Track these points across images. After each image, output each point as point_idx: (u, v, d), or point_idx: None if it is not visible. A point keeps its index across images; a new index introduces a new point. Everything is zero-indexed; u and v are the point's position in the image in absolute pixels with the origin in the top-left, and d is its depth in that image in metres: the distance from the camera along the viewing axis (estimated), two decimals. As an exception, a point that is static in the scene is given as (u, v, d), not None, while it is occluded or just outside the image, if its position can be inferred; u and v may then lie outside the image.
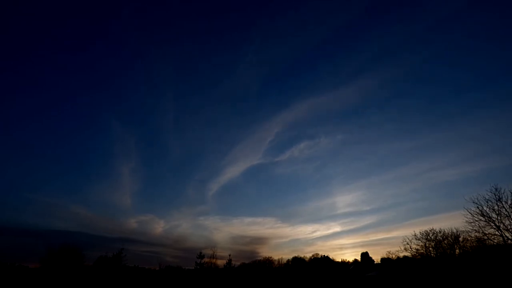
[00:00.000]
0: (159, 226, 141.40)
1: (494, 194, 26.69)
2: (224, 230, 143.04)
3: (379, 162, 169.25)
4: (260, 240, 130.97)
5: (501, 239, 25.88)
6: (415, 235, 38.06)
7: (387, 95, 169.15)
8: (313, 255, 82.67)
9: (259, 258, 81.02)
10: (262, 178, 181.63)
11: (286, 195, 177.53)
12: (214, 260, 49.10)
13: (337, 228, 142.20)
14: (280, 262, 78.80)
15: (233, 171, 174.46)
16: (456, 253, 34.11)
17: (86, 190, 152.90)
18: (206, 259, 48.10)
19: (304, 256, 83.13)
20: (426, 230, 37.42)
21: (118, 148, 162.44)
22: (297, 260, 79.96)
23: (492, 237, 26.49)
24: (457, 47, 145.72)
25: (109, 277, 42.36)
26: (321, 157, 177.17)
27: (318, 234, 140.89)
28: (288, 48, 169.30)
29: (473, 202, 28.13)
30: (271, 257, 79.23)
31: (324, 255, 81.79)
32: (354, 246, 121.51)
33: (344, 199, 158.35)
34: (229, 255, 51.43)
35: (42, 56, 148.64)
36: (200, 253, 48.14)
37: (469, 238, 31.29)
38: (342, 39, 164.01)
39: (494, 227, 26.21)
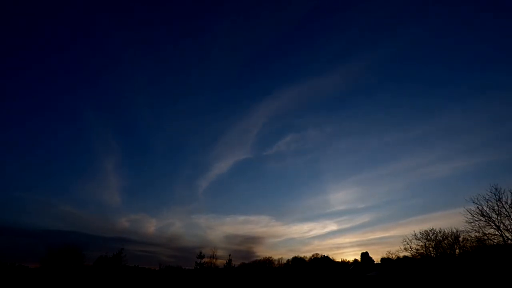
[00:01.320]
0: (151, 225, 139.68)
1: (494, 194, 26.71)
2: (218, 229, 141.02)
3: (370, 157, 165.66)
4: (255, 240, 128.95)
5: (501, 239, 25.86)
6: (415, 235, 38.05)
7: (374, 82, 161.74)
8: (313, 255, 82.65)
9: (257, 258, 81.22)
10: (251, 174, 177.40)
11: (278, 192, 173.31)
12: (214, 260, 49.20)
13: (333, 227, 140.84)
14: (280, 262, 78.94)
15: (220, 166, 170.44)
16: (456, 253, 34.08)
17: (74, 189, 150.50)
18: (206, 259, 48.21)
19: (304, 256, 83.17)
20: (426, 230, 37.42)
21: (98, 145, 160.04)
22: (297, 260, 79.91)
23: (492, 237, 26.47)
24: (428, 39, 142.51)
25: (109, 277, 42.35)
26: (310, 151, 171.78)
27: (314, 233, 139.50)
28: (262, 30, 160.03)
29: (473, 202, 28.15)
30: (271, 257, 79.37)
31: (324, 255, 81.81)
32: (351, 245, 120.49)
33: (337, 196, 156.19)
34: (229, 255, 51.62)
35: (26, 57, 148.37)
36: (200, 253, 48.27)
37: (469, 238, 31.30)
38: (323, 19, 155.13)
39: (494, 227, 26.20)
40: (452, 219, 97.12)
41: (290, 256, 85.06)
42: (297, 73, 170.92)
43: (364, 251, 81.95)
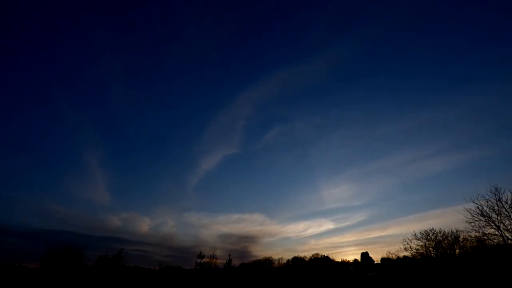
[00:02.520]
0: (145, 224, 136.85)
1: (494, 193, 26.62)
2: (211, 228, 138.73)
3: (362, 151, 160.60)
4: (250, 239, 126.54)
5: (501, 239, 25.83)
6: (415, 235, 38.09)
7: (361, 70, 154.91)
8: (313, 255, 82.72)
9: (256, 258, 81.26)
10: (241, 170, 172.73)
11: (270, 189, 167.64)
12: (214, 260, 49.20)
13: (329, 226, 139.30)
14: (280, 262, 79.01)
15: (209, 162, 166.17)
16: (456, 253, 34.09)
17: (61, 187, 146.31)
18: (205, 259, 48.24)
19: (304, 256, 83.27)
20: (426, 230, 37.50)
21: (82, 142, 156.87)
22: (297, 260, 79.96)
23: (492, 237, 26.44)
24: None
25: (109, 277, 42.35)
26: (299, 145, 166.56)
27: (310, 232, 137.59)
28: (239, 9, 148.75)
29: (473, 202, 28.10)
30: (271, 257, 79.42)
31: (324, 255, 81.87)
32: (348, 244, 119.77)
33: (331, 193, 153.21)
34: (229, 255, 51.54)
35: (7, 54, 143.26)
36: (200, 253, 48.36)
37: (469, 238, 31.31)
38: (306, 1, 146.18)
39: (494, 227, 26.15)
40: (450, 218, 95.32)
41: (287, 255, 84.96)
42: (278, 59, 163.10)
43: (362, 250, 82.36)
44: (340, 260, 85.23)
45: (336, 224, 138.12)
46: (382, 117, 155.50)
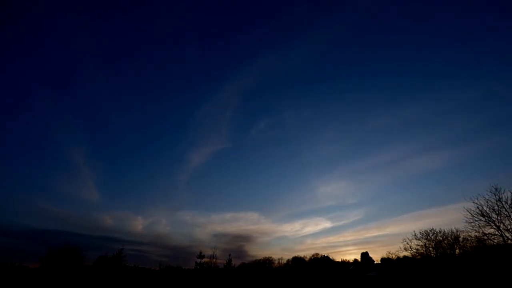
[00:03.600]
0: (138, 223, 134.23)
1: (494, 193, 26.66)
2: (206, 227, 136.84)
3: (355, 147, 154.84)
4: (245, 238, 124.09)
5: (501, 239, 25.85)
6: (415, 235, 38.20)
7: (348, 54, 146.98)
8: (313, 255, 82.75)
9: (256, 258, 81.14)
10: (232, 166, 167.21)
11: (264, 187, 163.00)
12: (214, 260, 49.24)
13: (326, 224, 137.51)
14: (280, 262, 79.01)
15: (198, 157, 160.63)
16: (456, 253, 34.12)
17: (54, 187, 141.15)
18: (205, 259, 48.28)
19: (304, 256, 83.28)
20: (426, 230, 37.59)
21: (71, 142, 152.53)
22: (297, 260, 79.97)
23: (492, 237, 26.47)
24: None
25: (109, 277, 42.36)
26: (290, 140, 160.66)
27: (306, 231, 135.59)
28: None
29: (473, 202, 28.13)
30: (271, 257, 79.40)
31: (324, 255, 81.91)
32: (346, 244, 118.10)
33: (325, 191, 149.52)
34: (229, 255, 51.50)
35: None
36: (200, 253, 48.39)
37: (469, 238, 31.36)
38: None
39: (494, 227, 26.18)
40: (449, 216, 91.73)
41: (285, 255, 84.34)
42: (259, 48, 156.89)
43: (360, 249, 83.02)
44: (340, 260, 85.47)
45: (333, 223, 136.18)
46: (375, 112, 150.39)
